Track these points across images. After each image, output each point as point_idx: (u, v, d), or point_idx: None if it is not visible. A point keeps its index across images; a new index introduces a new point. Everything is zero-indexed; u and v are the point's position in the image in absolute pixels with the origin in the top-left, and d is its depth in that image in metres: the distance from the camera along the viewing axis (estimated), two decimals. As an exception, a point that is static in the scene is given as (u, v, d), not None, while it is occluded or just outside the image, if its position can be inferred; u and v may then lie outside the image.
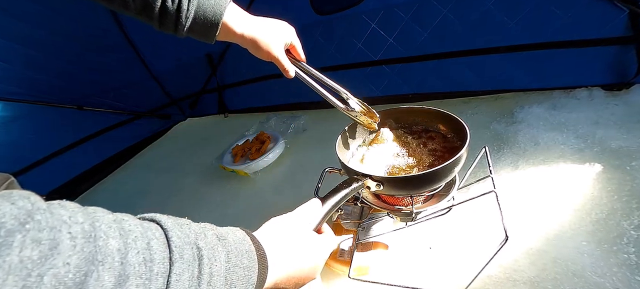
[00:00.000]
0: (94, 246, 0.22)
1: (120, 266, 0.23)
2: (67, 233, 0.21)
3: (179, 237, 0.29)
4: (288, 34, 0.67)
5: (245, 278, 0.33)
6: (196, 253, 0.29)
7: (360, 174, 0.59)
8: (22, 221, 0.19)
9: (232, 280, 0.31)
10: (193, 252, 0.29)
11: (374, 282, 0.76)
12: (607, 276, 0.64)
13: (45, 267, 0.19)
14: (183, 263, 0.27)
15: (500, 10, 1.18)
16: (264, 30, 0.63)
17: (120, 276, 0.23)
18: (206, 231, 0.32)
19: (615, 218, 0.73)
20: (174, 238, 0.28)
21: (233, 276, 0.32)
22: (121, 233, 0.25)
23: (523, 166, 0.95)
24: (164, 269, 0.26)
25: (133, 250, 0.25)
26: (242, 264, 0.33)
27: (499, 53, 1.24)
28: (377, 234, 0.80)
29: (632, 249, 0.67)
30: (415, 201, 0.68)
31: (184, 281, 0.27)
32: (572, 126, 1.02)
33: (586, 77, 1.14)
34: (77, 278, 0.21)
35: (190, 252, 0.29)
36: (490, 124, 1.17)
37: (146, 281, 0.25)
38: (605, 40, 1.07)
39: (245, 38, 0.62)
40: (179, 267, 0.27)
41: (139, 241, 0.26)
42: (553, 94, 1.18)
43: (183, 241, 0.29)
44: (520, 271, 0.70)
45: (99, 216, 0.24)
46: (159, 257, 0.26)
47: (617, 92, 1.09)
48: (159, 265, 0.26)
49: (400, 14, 1.34)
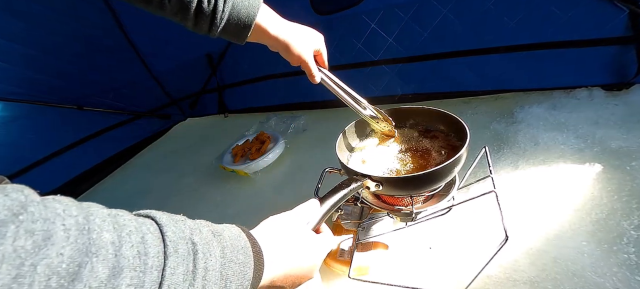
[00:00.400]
0: (87, 238, 0.23)
1: (114, 258, 0.23)
2: (61, 224, 0.21)
3: (173, 232, 0.29)
4: (318, 41, 0.68)
5: (241, 274, 0.33)
6: (191, 247, 0.29)
7: (359, 175, 0.59)
8: (15, 212, 0.20)
9: (228, 275, 0.31)
10: (188, 247, 0.29)
11: (374, 282, 0.76)
12: (607, 276, 0.64)
13: (38, 257, 0.20)
14: (178, 257, 0.28)
15: (500, 10, 1.18)
16: (297, 35, 0.65)
17: (114, 268, 0.23)
18: (201, 227, 0.33)
19: (615, 218, 0.73)
20: (169, 233, 0.28)
21: (228, 271, 0.32)
22: (115, 226, 0.25)
23: (523, 166, 0.95)
24: (159, 262, 0.26)
25: (127, 244, 0.25)
26: (238, 260, 0.33)
27: (499, 53, 1.24)
28: (377, 234, 0.80)
29: (632, 249, 0.67)
30: (415, 201, 0.68)
31: (178, 275, 0.27)
32: (572, 126, 1.02)
33: (586, 77, 1.14)
34: (70, 268, 0.21)
35: (185, 247, 0.29)
36: (490, 124, 1.17)
37: (140, 274, 0.25)
38: (605, 40, 1.07)
39: (279, 40, 0.63)
40: (173, 261, 0.27)
41: (133, 235, 0.26)
42: (553, 94, 1.18)
43: (178, 236, 0.29)
44: (520, 271, 0.70)
45: (93, 210, 0.25)
46: (154, 251, 0.26)
47: (617, 92, 1.09)
48: (153, 259, 0.26)
49: (400, 14, 1.34)
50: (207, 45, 1.88)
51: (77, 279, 0.21)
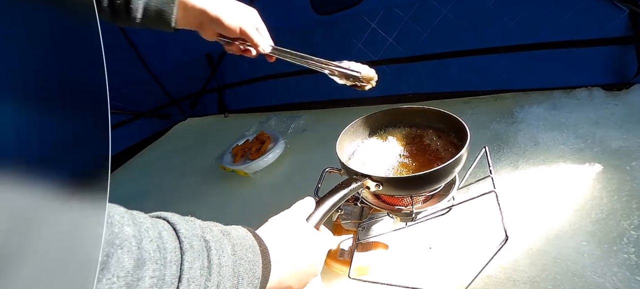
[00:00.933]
0: (110, 231, 0.23)
1: (138, 251, 0.24)
2: None
3: (186, 230, 0.29)
4: (254, 16, 0.65)
5: (251, 272, 0.33)
6: (204, 244, 0.30)
7: (359, 174, 0.59)
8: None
9: (240, 272, 0.32)
10: (201, 243, 0.30)
11: (374, 282, 0.76)
12: (607, 276, 0.64)
13: None
14: (193, 253, 0.28)
15: (500, 10, 1.18)
16: (229, 6, 0.61)
17: (138, 260, 0.24)
18: (211, 226, 0.33)
19: (615, 218, 0.73)
20: (182, 230, 0.29)
21: (240, 268, 0.32)
22: (134, 221, 0.26)
23: (523, 166, 0.95)
24: (176, 257, 0.27)
25: (146, 238, 0.25)
26: (247, 258, 0.33)
27: (499, 53, 1.24)
28: (377, 234, 0.80)
29: (632, 249, 0.67)
30: (415, 201, 0.68)
31: (195, 269, 0.28)
32: (572, 126, 1.02)
33: (586, 77, 1.14)
34: (100, 258, 0.21)
35: (199, 243, 0.29)
36: (490, 124, 1.17)
37: (161, 267, 0.25)
38: (605, 40, 1.07)
39: (208, 14, 0.59)
40: (190, 256, 0.28)
41: (150, 231, 0.26)
42: (553, 94, 1.18)
43: (191, 233, 0.29)
44: (520, 271, 0.70)
45: (110, 206, 0.25)
46: (171, 246, 0.27)
47: (617, 92, 1.09)
48: (171, 253, 0.26)
49: (400, 14, 1.34)
50: (207, 45, 1.87)
51: (105, 269, 0.22)
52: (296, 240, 0.41)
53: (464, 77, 1.34)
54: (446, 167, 0.56)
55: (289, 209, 0.46)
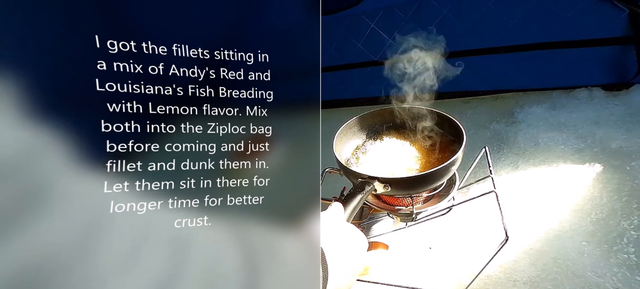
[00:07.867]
0: None
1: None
2: None
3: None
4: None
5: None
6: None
7: (366, 177, 0.59)
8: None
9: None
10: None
11: (374, 282, 0.76)
12: (607, 276, 0.64)
13: None
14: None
15: (500, 10, 1.18)
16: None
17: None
18: None
19: (615, 218, 0.73)
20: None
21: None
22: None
23: (523, 166, 0.95)
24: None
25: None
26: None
27: (499, 53, 1.24)
28: (377, 234, 0.80)
29: (632, 249, 0.67)
30: (415, 201, 0.68)
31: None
32: (572, 126, 1.02)
33: (586, 77, 1.14)
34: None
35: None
36: (490, 124, 1.17)
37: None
38: (605, 40, 1.07)
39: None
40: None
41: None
42: (553, 94, 1.18)
43: None
44: (520, 271, 0.70)
45: None
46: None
47: (617, 92, 1.09)
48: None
49: (400, 14, 1.34)
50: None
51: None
52: (347, 240, 0.41)
53: (464, 77, 1.34)
54: (442, 169, 0.57)
55: (326, 211, 0.44)
